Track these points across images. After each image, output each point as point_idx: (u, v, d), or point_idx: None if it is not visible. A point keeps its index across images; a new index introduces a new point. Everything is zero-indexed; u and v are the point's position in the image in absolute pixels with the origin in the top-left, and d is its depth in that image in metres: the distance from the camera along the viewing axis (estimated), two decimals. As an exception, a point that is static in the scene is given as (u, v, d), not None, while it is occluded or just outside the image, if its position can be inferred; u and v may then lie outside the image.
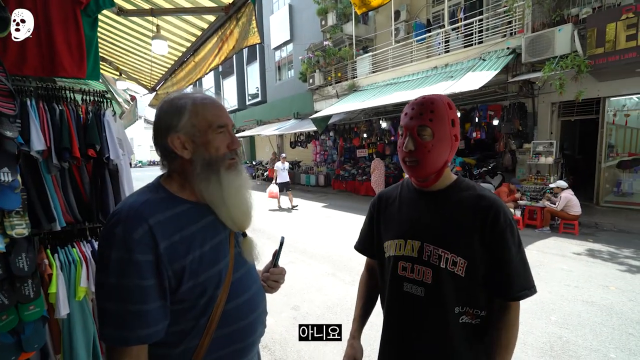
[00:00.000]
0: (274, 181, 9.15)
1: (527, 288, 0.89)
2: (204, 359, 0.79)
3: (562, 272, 4.07)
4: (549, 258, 4.58)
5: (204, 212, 0.83)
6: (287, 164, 9.33)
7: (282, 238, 1.04)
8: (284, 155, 9.70)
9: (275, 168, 9.09)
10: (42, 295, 1.59)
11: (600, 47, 5.52)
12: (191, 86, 3.18)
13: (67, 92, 1.93)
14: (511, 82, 7.14)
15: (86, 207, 1.93)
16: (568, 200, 5.71)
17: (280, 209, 9.02)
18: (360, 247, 1.20)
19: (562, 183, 6.01)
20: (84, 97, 2.02)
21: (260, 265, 1.08)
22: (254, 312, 0.88)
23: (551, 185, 6.23)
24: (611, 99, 7.12)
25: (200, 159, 0.81)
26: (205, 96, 0.85)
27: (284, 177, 9.03)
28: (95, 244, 1.93)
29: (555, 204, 5.88)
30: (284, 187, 9.02)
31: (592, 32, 5.59)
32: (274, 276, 1.02)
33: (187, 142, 0.81)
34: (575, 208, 5.70)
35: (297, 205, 9.06)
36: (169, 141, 0.80)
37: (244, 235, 0.91)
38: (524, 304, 3.02)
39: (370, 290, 1.20)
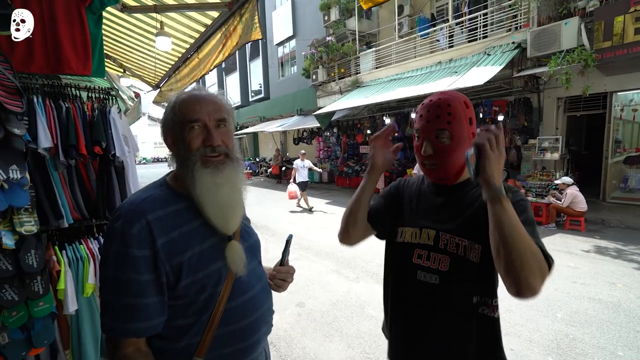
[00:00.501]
0: (292, 180, 8.47)
1: (547, 255, 0.77)
2: (207, 356, 0.79)
3: (568, 269, 4.04)
4: (555, 255, 4.47)
5: None
6: (307, 162, 8.44)
7: (290, 236, 1.02)
8: (303, 152, 8.80)
9: (294, 166, 8.42)
10: (51, 291, 1.60)
11: (607, 41, 5.43)
12: (195, 83, 3.18)
13: (73, 89, 1.94)
14: (516, 77, 7.06)
15: (93, 204, 1.94)
16: (574, 196, 5.66)
17: (302, 209, 8.39)
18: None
19: (568, 179, 5.95)
20: (90, 94, 2.03)
21: (268, 263, 1.08)
22: (257, 311, 0.88)
23: (556, 182, 6.18)
24: (618, 93, 7.02)
25: (179, 154, 0.84)
26: (189, 92, 0.85)
27: (303, 176, 8.29)
28: (102, 241, 1.94)
29: (560, 201, 5.83)
30: (305, 187, 8.34)
31: (600, 26, 5.50)
32: (281, 275, 1.00)
33: (172, 139, 0.84)
34: (581, 204, 5.65)
35: (312, 207, 8.31)
36: (164, 138, 0.86)
37: (229, 239, 0.85)
38: (530, 301, 2.99)
39: None
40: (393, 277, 1.03)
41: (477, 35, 7.75)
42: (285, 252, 1.01)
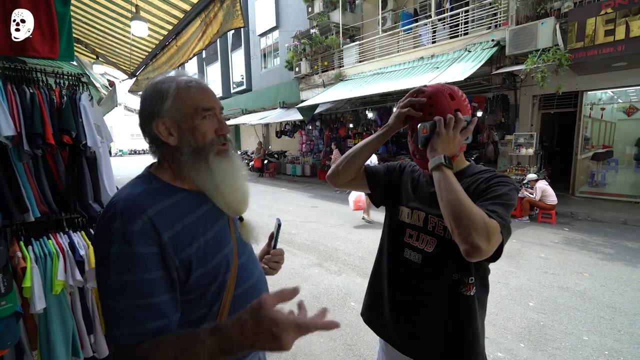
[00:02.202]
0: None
1: (501, 217, 0.80)
2: None
3: (540, 260, 4.23)
4: (527, 247, 4.76)
5: (201, 199, 0.81)
6: (374, 158, 6.58)
7: (278, 220, 1.05)
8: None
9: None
10: (15, 289, 1.51)
11: (580, 42, 5.66)
12: (174, 70, 3.05)
13: (39, 74, 1.81)
14: (495, 74, 7.24)
15: (62, 196, 1.84)
16: (543, 190, 5.96)
17: (371, 223, 6.08)
18: (369, 168, 1.16)
19: (532, 175, 6.32)
20: (58, 80, 1.90)
21: (256, 250, 1.07)
22: (259, 296, 0.89)
23: (526, 180, 6.47)
24: (588, 92, 7.36)
25: (187, 145, 0.78)
26: (191, 78, 0.80)
27: None
28: (73, 235, 1.84)
29: (533, 195, 6.11)
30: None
31: (573, 27, 5.72)
32: (275, 257, 1.04)
33: (173, 128, 0.77)
34: (551, 197, 5.93)
35: (372, 221, 6.18)
36: (154, 127, 0.77)
37: (241, 219, 0.91)
38: (504, 291, 3.10)
39: None
40: (385, 251, 1.10)
41: (458, 32, 7.87)
42: (277, 235, 1.05)
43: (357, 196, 5.96)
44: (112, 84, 5.00)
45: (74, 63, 3.26)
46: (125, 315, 0.66)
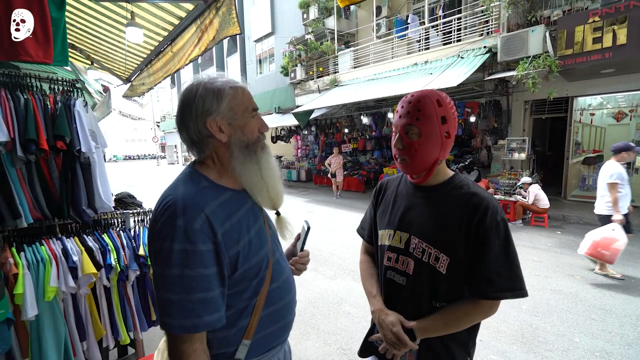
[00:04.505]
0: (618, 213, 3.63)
1: (509, 290, 0.87)
2: (255, 337, 0.83)
3: (533, 263, 4.28)
4: (520, 250, 4.79)
5: (243, 198, 0.86)
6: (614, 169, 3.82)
7: (307, 223, 1.06)
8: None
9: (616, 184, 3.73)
10: (7, 296, 1.50)
11: (569, 49, 5.78)
12: (168, 78, 3.07)
13: (33, 79, 1.81)
14: (487, 80, 7.36)
15: (56, 202, 1.83)
16: (535, 194, 6.04)
17: (613, 278, 3.77)
18: (362, 232, 1.22)
19: (527, 178, 6.38)
20: (52, 85, 1.91)
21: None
22: (290, 291, 0.94)
23: (519, 183, 6.55)
24: (578, 98, 7.51)
25: (238, 141, 0.84)
26: (236, 80, 0.87)
27: (625, 200, 3.69)
28: (66, 241, 1.83)
29: (526, 198, 6.19)
30: (629, 228, 3.72)
31: (562, 34, 5.85)
32: (303, 259, 1.07)
33: (224, 126, 0.83)
34: (543, 201, 6.01)
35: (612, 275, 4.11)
36: (207, 124, 0.81)
37: (278, 214, 0.97)
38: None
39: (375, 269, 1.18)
40: (378, 275, 1.10)
41: (451, 39, 8.01)
42: (305, 238, 1.06)
43: (604, 240, 3.61)
44: (106, 89, 4.99)
45: (68, 68, 3.25)
46: (184, 308, 0.71)
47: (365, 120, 10.93)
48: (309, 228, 1.05)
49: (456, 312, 0.91)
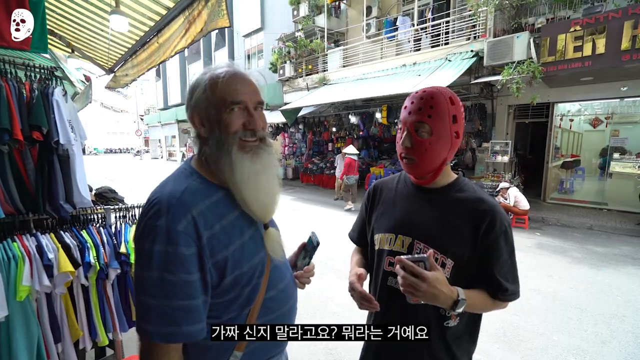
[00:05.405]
0: None
1: (514, 293, 0.89)
2: (246, 348, 0.78)
3: (513, 263, 4.40)
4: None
5: None
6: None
7: (316, 237, 0.98)
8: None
9: None
10: (-24, 295, 1.41)
11: (551, 56, 5.97)
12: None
13: (7, 65, 1.71)
14: (473, 84, 7.51)
15: (31, 196, 1.74)
16: (515, 196, 6.23)
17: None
18: (353, 235, 1.17)
19: (504, 184, 6.54)
20: (29, 72, 1.80)
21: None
22: (289, 301, 0.87)
23: (499, 187, 6.72)
24: (558, 104, 7.78)
25: (213, 137, 0.77)
26: (227, 70, 0.78)
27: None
28: (41, 237, 1.74)
29: (507, 200, 6.37)
30: None
31: (546, 41, 6.03)
32: (308, 273, 1.00)
33: (204, 120, 0.77)
34: (523, 203, 6.21)
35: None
36: (190, 117, 0.78)
37: (265, 227, 0.85)
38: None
39: (364, 255, 1.14)
40: (371, 282, 1.05)
41: (439, 42, 8.12)
42: (313, 254, 1.00)
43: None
44: (88, 79, 4.79)
45: (47, 56, 3.10)
46: (162, 314, 0.66)
47: (353, 119, 10.96)
48: (317, 243, 0.97)
49: (484, 299, 0.89)
